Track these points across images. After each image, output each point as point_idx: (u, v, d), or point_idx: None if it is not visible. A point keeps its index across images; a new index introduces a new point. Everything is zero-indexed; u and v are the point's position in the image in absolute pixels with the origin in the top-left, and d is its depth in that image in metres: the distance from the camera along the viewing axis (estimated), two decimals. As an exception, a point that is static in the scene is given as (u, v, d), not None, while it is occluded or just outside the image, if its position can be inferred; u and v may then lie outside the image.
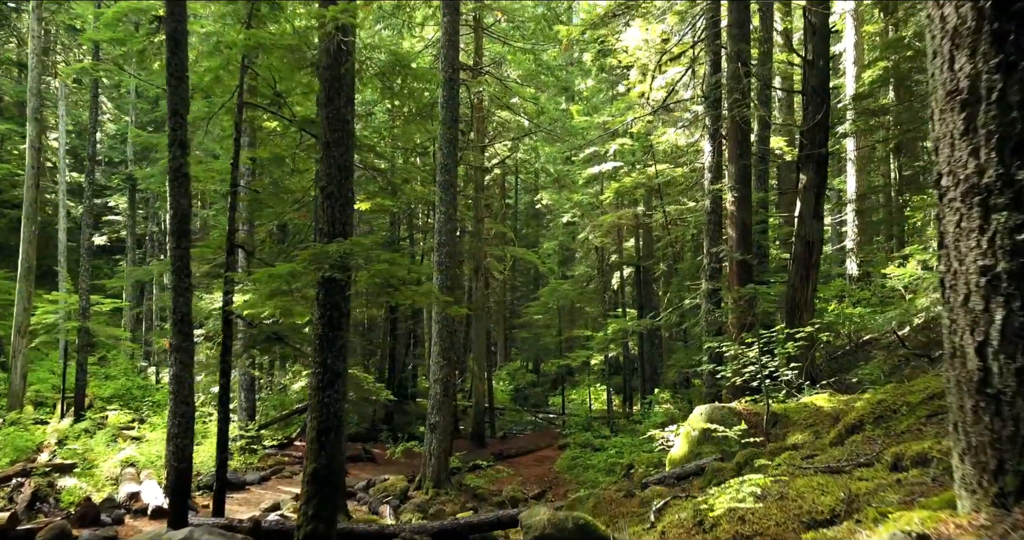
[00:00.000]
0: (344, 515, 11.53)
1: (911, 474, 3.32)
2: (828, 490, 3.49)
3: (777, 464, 5.28)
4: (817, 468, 4.49)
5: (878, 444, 4.93)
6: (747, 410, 8.74)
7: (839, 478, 3.84)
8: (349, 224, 7.25)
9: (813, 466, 4.61)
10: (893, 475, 3.50)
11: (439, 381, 14.62)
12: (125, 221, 34.99)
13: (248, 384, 17.14)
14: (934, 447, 3.46)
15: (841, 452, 4.96)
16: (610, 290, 30.07)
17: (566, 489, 16.68)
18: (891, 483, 3.28)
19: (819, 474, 4.19)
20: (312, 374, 7.12)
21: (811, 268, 12.58)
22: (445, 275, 14.75)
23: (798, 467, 4.73)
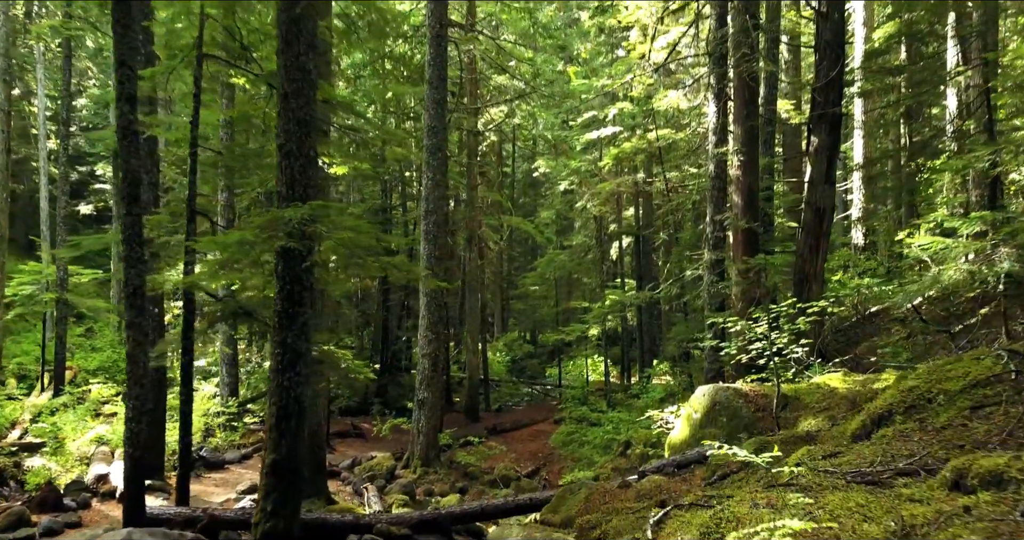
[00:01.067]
0: (323, 499, 10.92)
1: (982, 500, 2.61)
2: (872, 514, 2.77)
3: (796, 462, 4.55)
4: (848, 475, 3.76)
5: (915, 442, 4.20)
6: (754, 391, 8.03)
7: (881, 494, 3.12)
8: (312, 187, 6.45)
9: (841, 470, 3.88)
10: (956, 498, 2.78)
11: (427, 356, 13.93)
12: (111, 190, 34.05)
13: (230, 359, 16.48)
14: (1013, 465, 2.73)
15: (871, 451, 4.23)
16: (608, 260, 29.32)
17: (560, 466, 16.11)
18: (957, 511, 2.57)
19: (853, 485, 3.46)
20: (271, 355, 6.38)
21: (821, 237, 11.80)
22: (433, 245, 13.98)
23: (822, 471, 4.00)
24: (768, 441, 6.36)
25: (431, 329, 13.91)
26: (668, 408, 9.39)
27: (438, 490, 13.08)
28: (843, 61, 11.58)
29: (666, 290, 14.22)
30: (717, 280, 12.24)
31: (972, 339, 8.23)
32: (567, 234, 33.71)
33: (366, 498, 11.94)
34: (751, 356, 8.43)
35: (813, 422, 6.91)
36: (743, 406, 7.77)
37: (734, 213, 12.13)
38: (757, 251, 12.13)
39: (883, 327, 15.11)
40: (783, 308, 7.79)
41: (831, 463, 4.20)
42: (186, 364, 8.43)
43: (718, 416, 7.87)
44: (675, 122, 21.15)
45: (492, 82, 25.03)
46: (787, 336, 8.05)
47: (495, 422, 20.18)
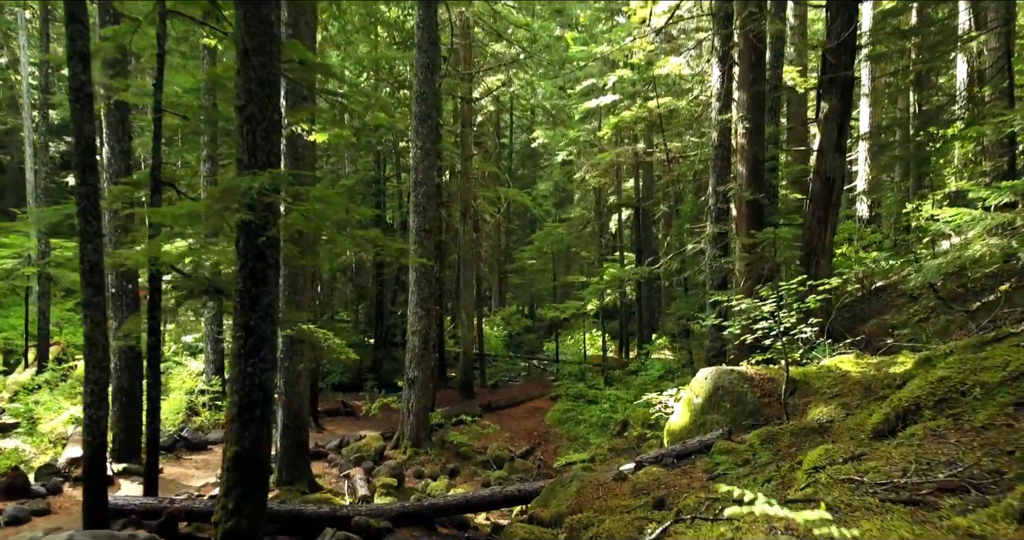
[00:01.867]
0: (306, 483, 10.46)
1: (1071, 544, 2.08)
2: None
3: (813, 466, 4.00)
4: (879, 487, 3.20)
5: (952, 444, 3.64)
6: (759, 374, 7.49)
7: (929, 523, 2.58)
8: (275, 153, 5.82)
9: (870, 480, 3.33)
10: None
11: (418, 333, 13.40)
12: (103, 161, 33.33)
13: (216, 335, 15.94)
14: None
15: (901, 454, 3.68)
16: (608, 233, 28.68)
17: (556, 445, 15.68)
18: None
19: (888, 504, 2.91)
20: (233, 339, 5.81)
21: (830, 208, 11.18)
22: (423, 217, 13.36)
23: (846, 480, 3.45)
24: (776, 432, 5.82)
25: (421, 305, 13.35)
26: (667, 391, 8.86)
27: (428, 472, 12.64)
28: (856, 20, 10.86)
29: (666, 265, 13.63)
30: (720, 254, 11.66)
31: (995, 318, 7.67)
32: (565, 207, 33.05)
33: (353, 481, 11.50)
34: (756, 336, 7.87)
35: (825, 410, 6.37)
36: (748, 391, 7.23)
37: (738, 184, 11.49)
38: (762, 224, 11.52)
39: (891, 303, 14.57)
40: (793, 285, 7.20)
41: (855, 468, 3.64)
42: (152, 346, 7.86)
43: (721, 401, 7.34)
44: (676, 89, 20.38)
45: (488, 49, 24.19)
46: (795, 315, 7.49)
47: (490, 399, 19.74)
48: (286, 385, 10.36)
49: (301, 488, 10.30)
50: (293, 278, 10.28)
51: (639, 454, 12.91)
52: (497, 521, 9.20)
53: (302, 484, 10.38)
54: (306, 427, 10.57)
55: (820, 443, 5.39)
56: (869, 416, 5.46)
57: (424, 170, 13.28)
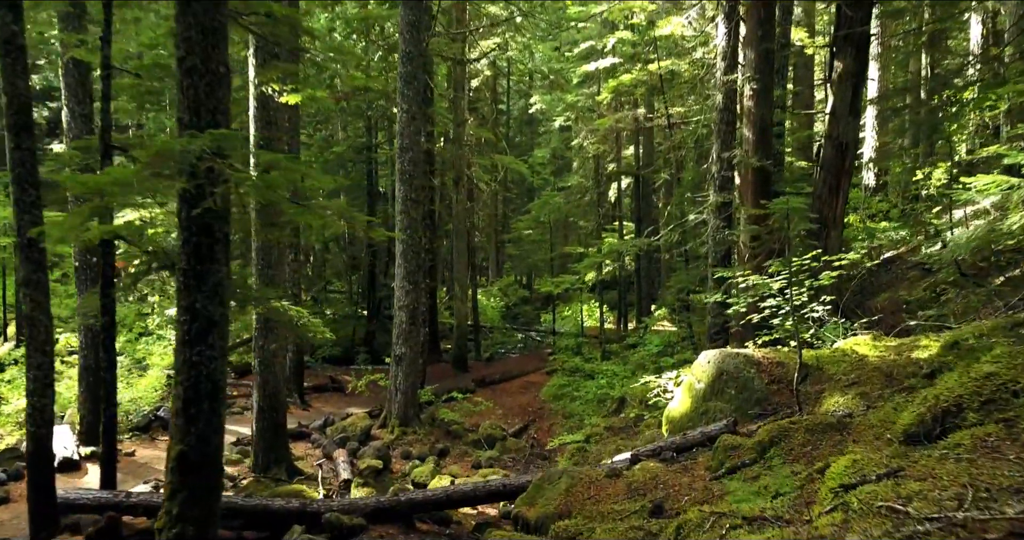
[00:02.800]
0: (284, 467, 9.90)
1: None
2: None
3: (840, 484, 3.36)
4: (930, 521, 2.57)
5: (1012, 461, 3.00)
6: (767, 358, 6.85)
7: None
8: (222, 112, 5.09)
9: (917, 513, 2.69)
10: None
11: (405, 308, 12.75)
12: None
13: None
14: None
15: (949, 472, 3.03)
16: (607, 202, 27.90)
17: (551, 423, 15.15)
18: None
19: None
20: (177, 323, 5.16)
21: (843, 176, 10.48)
22: (410, 186, 12.62)
23: (885, 510, 2.81)
24: (788, 428, 5.19)
25: (408, 279, 12.68)
26: (667, 374, 8.23)
27: (416, 452, 12.10)
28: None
29: (667, 236, 12.93)
30: (723, 225, 10.96)
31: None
32: (563, 175, 32.24)
33: (335, 464, 10.96)
34: (764, 315, 7.21)
35: (841, 400, 5.74)
36: (755, 377, 6.60)
37: (744, 149, 10.74)
38: (769, 193, 10.80)
39: (901, 276, 13.91)
40: (806, 260, 6.53)
41: (894, 491, 3.00)
42: (107, 325, 7.21)
43: (725, 387, 6.72)
44: (678, 51, 19.44)
45: (483, 11, 23.15)
46: (806, 292, 6.83)
47: (485, 373, 19.19)
48: (261, 365, 9.75)
49: (278, 474, 9.75)
50: (266, 251, 9.61)
51: (636, 433, 12.39)
52: (484, 510, 8.65)
53: (280, 469, 9.83)
54: (284, 408, 9.99)
55: (839, 442, 4.77)
56: (896, 412, 4.82)
57: (410, 135, 12.50)
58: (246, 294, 7.43)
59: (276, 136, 9.61)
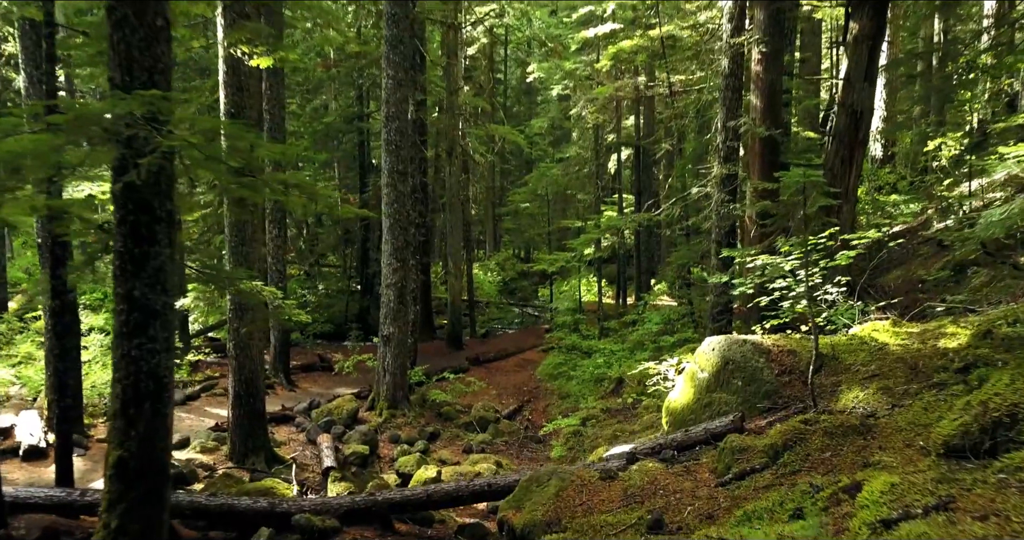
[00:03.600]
0: (263, 456, 9.39)
1: None
2: None
3: (876, 520, 2.78)
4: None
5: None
6: (777, 346, 6.26)
7: None
8: (160, 70, 4.43)
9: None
10: None
11: (393, 286, 12.16)
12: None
13: (178, 286, 14.71)
14: None
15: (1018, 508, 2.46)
16: (606, 174, 27.15)
17: (546, 403, 14.66)
18: None
19: None
20: (114, 314, 4.57)
21: (856, 146, 9.82)
22: (396, 157, 11.94)
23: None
24: (804, 431, 4.62)
25: (395, 255, 12.07)
26: (667, 360, 7.64)
27: (405, 436, 11.61)
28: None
29: (668, 211, 12.28)
30: (728, 199, 10.31)
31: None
32: (561, 145, 31.44)
33: (319, 450, 10.46)
34: (773, 298, 6.62)
35: (861, 395, 5.17)
36: (764, 367, 6.02)
37: (751, 117, 10.06)
38: (778, 164, 10.16)
39: (913, 252, 13.31)
40: (822, 239, 5.91)
41: (950, 533, 2.42)
42: (57, 310, 6.62)
43: (731, 378, 6.14)
44: (681, 14, 18.58)
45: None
46: (818, 273, 6.23)
47: (479, 351, 18.67)
48: (236, 348, 9.19)
49: (256, 462, 9.24)
50: (240, 228, 8.97)
51: (634, 415, 11.88)
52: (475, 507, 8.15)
53: (258, 457, 9.32)
54: (262, 394, 9.45)
55: (864, 449, 4.20)
56: (927, 413, 4.25)
57: (397, 103, 11.80)
58: (215, 276, 6.84)
59: (249, 103, 8.92)
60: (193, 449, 9.52)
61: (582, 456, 10.44)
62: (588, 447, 10.57)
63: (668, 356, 10.32)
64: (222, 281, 7.06)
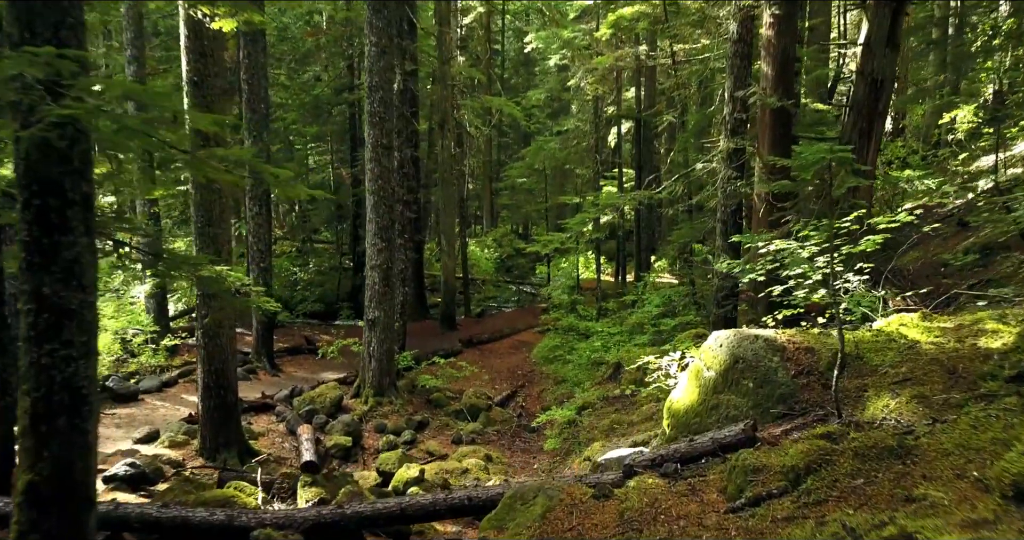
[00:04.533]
0: (236, 451, 8.79)
1: None
2: None
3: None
4: None
5: None
6: (792, 342, 5.60)
7: None
8: (70, 27, 3.71)
9: None
10: None
11: (378, 267, 11.48)
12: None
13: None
14: None
15: None
16: (606, 148, 26.31)
17: (541, 388, 14.07)
18: None
19: None
20: (22, 315, 3.90)
21: (876, 118, 9.06)
22: (381, 130, 11.19)
23: None
24: (830, 452, 3.97)
25: (381, 235, 11.38)
26: (668, 356, 6.95)
27: (391, 425, 11.03)
28: None
29: (670, 188, 11.54)
30: (735, 176, 9.59)
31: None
32: (559, 118, 30.51)
33: (299, 442, 9.87)
34: (787, 287, 5.95)
35: (892, 404, 4.51)
36: (779, 366, 5.36)
37: (762, 87, 9.28)
38: (790, 137, 9.41)
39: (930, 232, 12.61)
40: (846, 222, 5.22)
41: None
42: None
43: (741, 378, 5.49)
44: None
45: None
46: (839, 259, 5.55)
47: (473, 332, 18.05)
48: (205, 337, 8.54)
49: (229, 458, 8.65)
50: (207, 207, 8.27)
51: (633, 403, 11.27)
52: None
53: (230, 452, 8.73)
54: (234, 384, 8.81)
55: (903, 477, 3.55)
56: (977, 432, 3.59)
57: (380, 72, 11.01)
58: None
59: (214, 71, 8.15)
60: (161, 443, 8.92)
61: (576, 450, 9.86)
62: (584, 440, 9.98)
63: (671, 347, 9.68)
64: (176, 266, 6.36)
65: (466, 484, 8.31)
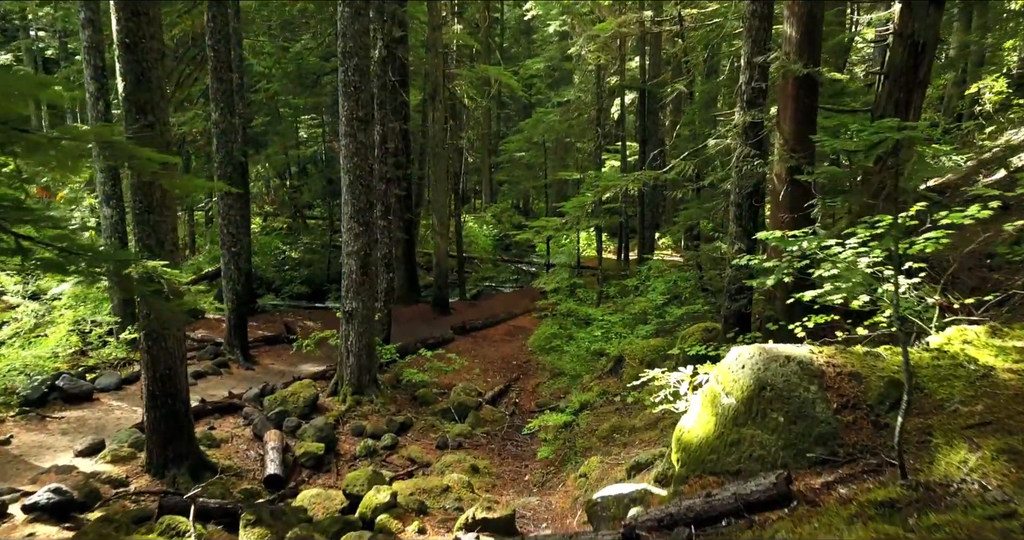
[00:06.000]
0: (189, 466, 7.82)
1: None
2: None
3: None
4: None
5: None
6: (833, 366, 4.54)
7: None
8: None
9: None
10: None
11: (354, 254, 10.42)
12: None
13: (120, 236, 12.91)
14: None
15: None
16: (609, 121, 25.03)
17: (536, 382, 13.09)
18: None
19: None
20: None
21: (916, 88, 7.92)
22: (356, 102, 10.04)
23: None
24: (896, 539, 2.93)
25: (357, 218, 10.29)
26: (678, 372, 5.87)
27: (371, 427, 10.06)
28: None
29: (679, 167, 10.38)
30: (753, 153, 8.45)
31: None
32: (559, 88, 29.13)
33: (264, 451, 8.91)
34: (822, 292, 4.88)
35: (972, 460, 3.47)
36: (816, 398, 4.32)
37: (785, 52, 8.10)
38: (816, 108, 8.27)
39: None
40: (905, 218, 4.13)
41: None
42: None
43: (769, 410, 4.45)
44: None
45: None
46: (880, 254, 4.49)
47: (465, 318, 17.05)
48: (148, 340, 7.51)
49: (179, 474, 7.67)
50: (146, 191, 7.18)
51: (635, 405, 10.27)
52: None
53: (181, 467, 7.75)
54: (183, 391, 7.80)
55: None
56: None
57: (355, 36, 9.83)
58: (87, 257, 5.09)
59: (150, 32, 7.01)
60: (103, 458, 7.93)
61: (573, 459, 8.89)
62: (580, 447, 9.01)
63: (677, 348, 8.64)
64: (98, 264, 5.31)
65: (446, 506, 7.35)
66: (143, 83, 7.05)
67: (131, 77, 7.01)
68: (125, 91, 7.05)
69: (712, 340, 9.48)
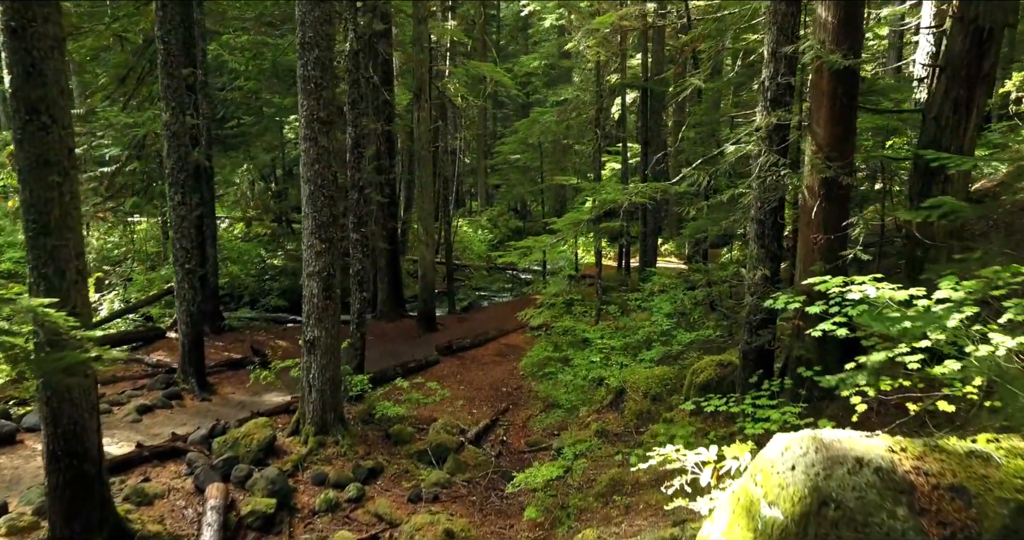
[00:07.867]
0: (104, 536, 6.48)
1: None
2: None
3: None
4: None
5: None
6: (922, 472, 3.18)
7: None
8: None
9: None
10: None
11: (316, 275, 9.08)
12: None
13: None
14: None
15: None
16: (609, 121, 23.71)
17: (528, 414, 11.75)
18: None
19: None
20: None
21: (979, 83, 6.59)
22: (317, 100, 8.71)
23: None
24: None
25: (319, 234, 8.95)
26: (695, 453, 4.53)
27: (334, 475, 8.74)
28: None
29: (693, 176, 9.00)
30: (783, 162, 7.12)
31: None
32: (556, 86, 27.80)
33: (202, 513, 7.58)
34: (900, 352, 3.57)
35: None
36: (908, 526, 2.97)
37: (820, 40, 6.76)
38: (855, 109, 6.94)
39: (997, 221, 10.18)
40: None
41: None
42: None
43: (833, 534, 3.11)
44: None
45: None
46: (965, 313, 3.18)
47: (453, 335, 15.71)
48: (46, 388, 6.17)
49: (86, 550, 6.35)
50: (41, 206, 5.85)
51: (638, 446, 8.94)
52: None
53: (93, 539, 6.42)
54: (91, 451, 6.47)
55: None
56: None
57: (315, 25, 8.51)
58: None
59: (44, 14, 5.68)
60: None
61: (565, 521, 7.56)
62: (574, 508, 7.67)
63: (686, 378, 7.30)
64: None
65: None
66: (34, 77, 5.73)
67: (18, 69, 5.69)
68: (12, 86, 5.73)
69: (729, 379, 8.16)
